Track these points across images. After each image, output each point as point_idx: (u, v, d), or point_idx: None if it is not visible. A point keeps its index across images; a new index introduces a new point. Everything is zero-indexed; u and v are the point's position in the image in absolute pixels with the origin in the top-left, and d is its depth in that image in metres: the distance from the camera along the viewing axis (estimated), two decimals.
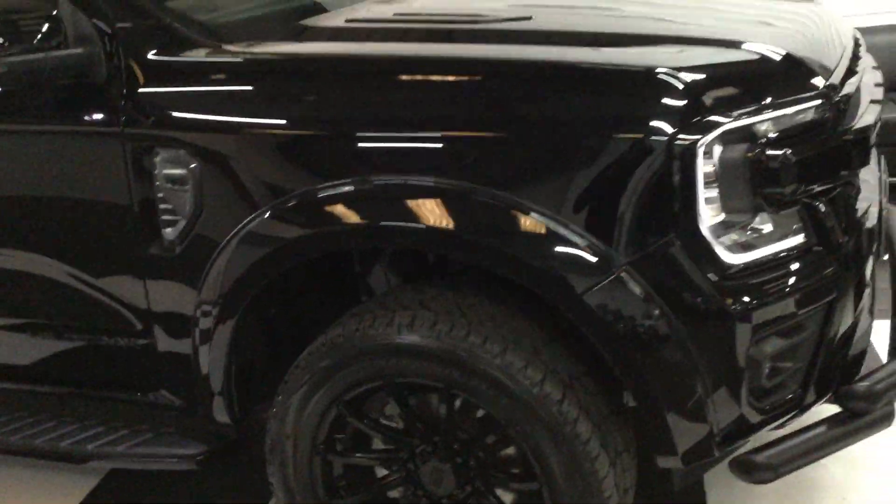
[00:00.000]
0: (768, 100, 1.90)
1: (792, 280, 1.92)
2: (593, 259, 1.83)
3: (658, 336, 1.83)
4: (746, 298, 1.86)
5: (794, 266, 1.93)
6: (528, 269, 1.87)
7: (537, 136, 1.86)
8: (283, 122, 2.05)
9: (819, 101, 1.95)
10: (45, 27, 2.23)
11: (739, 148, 1.85)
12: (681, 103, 1.81)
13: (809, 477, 2.70)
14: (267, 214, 2.05)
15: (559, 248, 1.84)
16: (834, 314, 2.00)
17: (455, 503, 2.16)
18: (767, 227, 1.93)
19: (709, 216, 1.84)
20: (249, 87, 2.12)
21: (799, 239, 1.95)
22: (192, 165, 2.11)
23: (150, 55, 2.19)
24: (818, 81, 1.99)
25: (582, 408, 1.94)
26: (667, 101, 1.82)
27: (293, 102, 2.07)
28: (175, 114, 2.15)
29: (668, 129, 1.79)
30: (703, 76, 1.87)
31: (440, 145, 1.92)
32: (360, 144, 1.98)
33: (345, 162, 1.98)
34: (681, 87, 1.82)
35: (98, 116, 2.21)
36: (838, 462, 2.75)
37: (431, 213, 1.90)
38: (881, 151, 2.63)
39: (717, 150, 1.84)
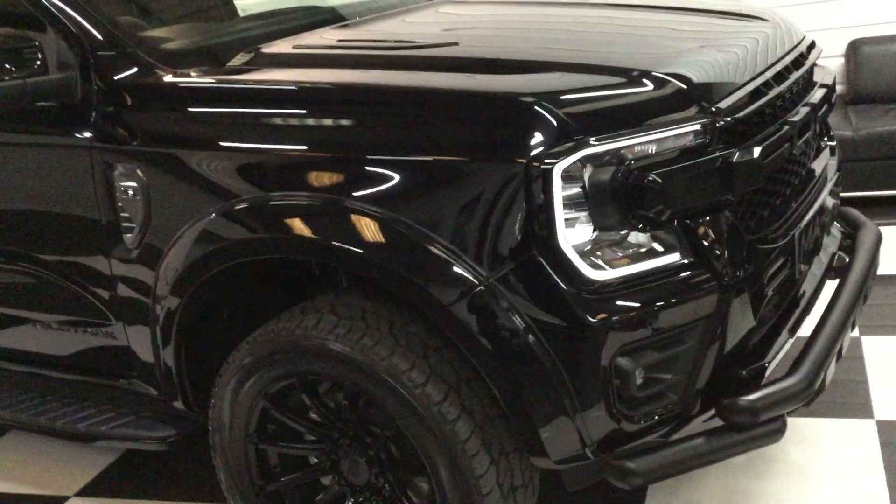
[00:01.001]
0: (640, 124, 2.00)
1: (662, 296, 2.01)
2: (460, 273, 1.98)
3: (521, 347, 1.96)
4: (610, 312, 1.96)
5: (666, 283, 2.02)
6: (399, 279, 2.03)
7: (413, 158, 2.02)
8: (206, 142, 2.29)
9: (696, 126, 2.03)
10: (27, 54, 2.53)
11: (607, 170, 1.96)
12: (540, 129, 1.94)
13: (751, 489, 2.75)
14: (197, 224, 2.29)
15: (428, 262, 2.00)
16: (715, 330, 2.07)
17: (373, 492, 2.34)
18: (640, 246, 2.03)
19: (571, 235, 1.95)
20: (182, 111, 2.37)
21: (673, 258, 2.04)
22: (142, 178, 2.37)
23: (116, 79, 2.46)
24: (700, 106, 2.06)
25: (464, 409, 2.09)
26: (527, 127, 1.95)
27: (213, 125, 2.31)
28: (128, 132, 2.41)
29: (527, 154, 1.92)
30: (566, 102, 1.98)
31: (323, 165, 2.12)
32: (258, 164, 2.21)
33: (250, 179, 2.21)
34: (542, 113, 1.94)
35: (72, 134, 2.50)
36: (780, 474, 2.79)
37: (312, 226, 2.10)
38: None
39: (587, 171, 1.95)
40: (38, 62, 2.48)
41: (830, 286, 2.58)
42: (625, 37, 2.57)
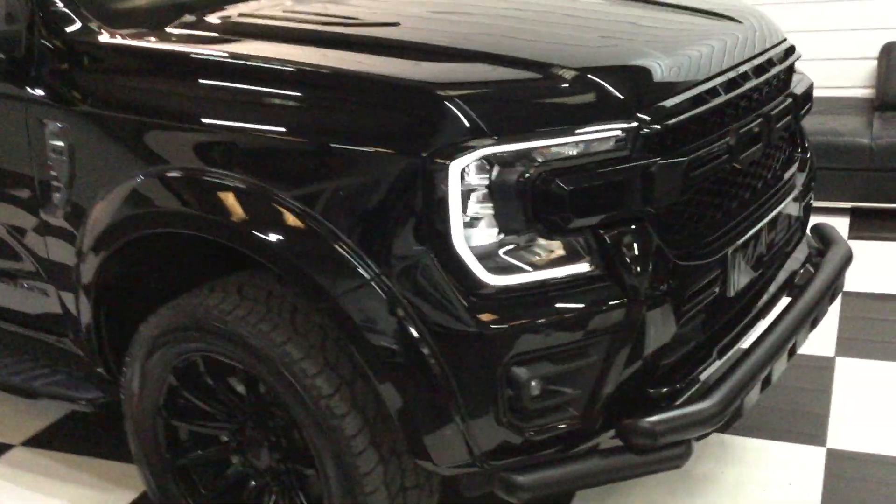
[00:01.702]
0: (555, 125, 1.90)
1: (564, 307, 1.92)
2: (350, 265, 1.91)
3: (407, 348, 1.89)
4: (504, 319, 1.88)
5: (571, 293, 1.93)
6: (288, 264, 1.97)
7: (314, 142, 1.95)
8: (122, 106, 2.25)
9: (616, 132, 1.92)
10: None
11: (514, 171, 1.87)
12: (443, 123, 1.85)
13: None
14: (115, 189, 2.25)
15: (317, 249, 1.93)
16: (622, 346, 1.98)
17: (273, 477, 2.30)
18: (547, 252, 1.94)
19: (473, 235, 1.87)
20: (107, 72, 2.32)
21: (581, 267, 1.94)
22: (68, 137, 2.34)
23: (58, 35, 2.41)
24: (625, 110, 1.96)
25: (355, 405, 2.03)
26: (430, 120, 1.86)
27: (132, 89, 2.27)
28: (60, 90, 2.37)
29: (427, 147, 1.84)
30: (476, 97, 1.89)
31: (227, 141, 2.06)
32: (167, 133, 2.16)
33: (158, 150, 2.17)
34: (447, 106, 1.85)
35: (14, 88, 2.47)
36: (711, 492, 2.69)
37: (211, 204, 2.04)
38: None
39: (495, 170, 1.86)
40: None
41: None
42: (573, 29, 2.46)
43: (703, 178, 2.11)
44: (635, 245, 1.97)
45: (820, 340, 3.51)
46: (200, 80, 2.16)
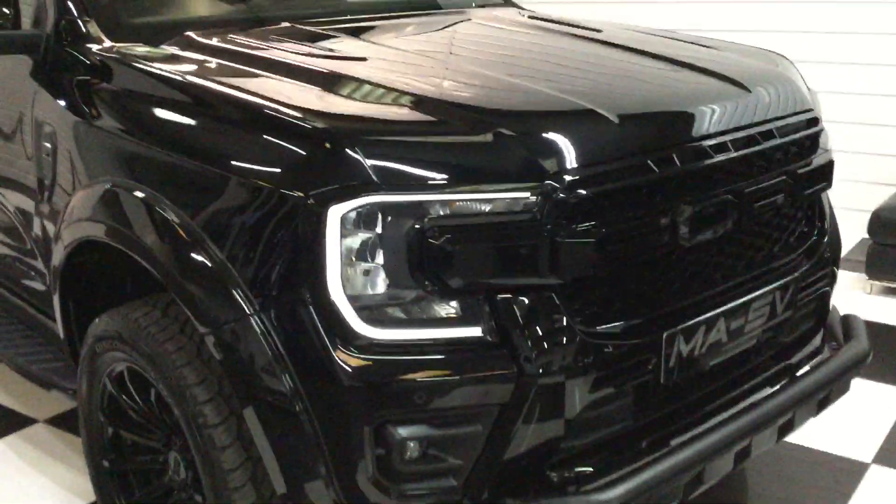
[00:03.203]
0: (457, 181, 1.81)
1: (445, 370, 1.82)
2: (226, 298, 1.89)
3: (276, 390, 1.85)
4: (377, 375, 1.80)
5: (456, 358, 1.83)
6: (173, 286, 1.98)
7: (220, 169, 1.96)
8: (97, 114, 2.34)
9: (523, 194, 1.81)
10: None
11: (403, 223, 1.79)
12: (329, 166, 1.80)
13: None
14: (79, 193, 2.34)
15: (198, 276, 1.93)
16: (512, 422, 1.85)
17: (191, 493, 2.30)
18: (436, 311, 1.85)
19: (355, 283, 1.81)
20: (92, 82, 2.41)
21: (471, 331, 1.84)
22: (54, 138, 2.46)
23: (68, 41, 2.54)
24: (540, 173, 1.84)
25: (240, 439, 2.00)
26: (317, 162, 1.82)
27: (105, 101, 2.34)
28: (56, 94, 2.50)
29: (309, 189, 1.80)
30: (373, 143, 1.82)
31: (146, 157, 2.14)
32: (118, 147, 2.24)
33: (112, 160, 2.26)
34: (338, 150, 1.80)
35: (30, 88, 2.62)
36: None
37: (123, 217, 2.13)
38: None
39: (387, 220, 1.79)
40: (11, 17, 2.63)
41: None
42: (536, 74, 2.33)
43: (635, 252, 1.95)
44: (534, 315, 1.85)
45: (860, 444, 3.17)
46: (142, 96, 2.23)
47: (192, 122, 2.10)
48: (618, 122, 1.99)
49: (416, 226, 1.79)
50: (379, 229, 1.79)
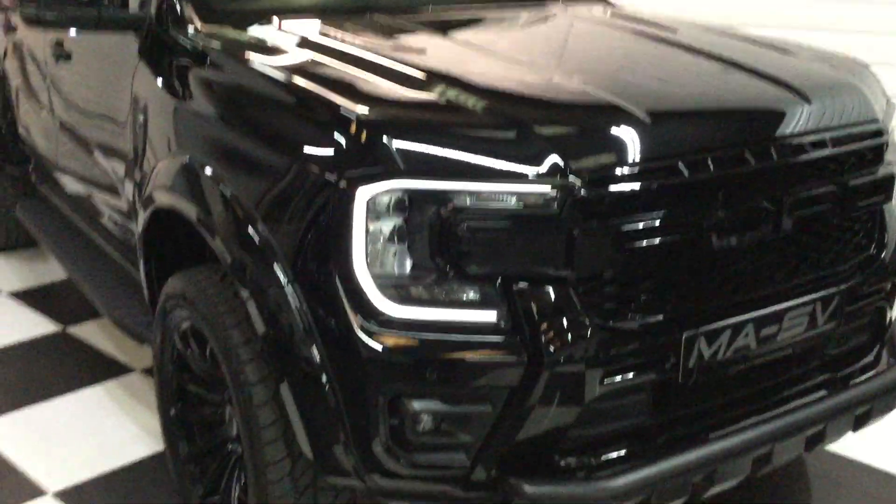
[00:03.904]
0: (479, 172, 1.90)
1: (460, 350, 1.92)
2: (267, 269, 2.05)
3: (304, 357, 2.00)
4: (394, 349, 1.92)
5: (470, 339, 1.92)
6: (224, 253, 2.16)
7: (268, 147, 2.13)
8: (178, 93, 2.54)
9: (545, 189, 1.89)
10: None
11: (428, 209, 1.90)
12: (364, 153, 1.93)
13: None
14: (161, 164, 2.56)
15: (244, 245, 2.11)
16: (519, 405, 1.94)
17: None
18: (456, 293, 1.95)
19: (375, 262, 1.93)
20: (178, 60, 2.62)
21: (486, 315, 1.93)
22: (145, 110, 2.69)
23: (166, 20, 2.76)
24: (563, 169, 1.91)
25: (275, 398, 2.15)
26: (353, 147, 1.95)
27: (183, 80, 2.54)
28: (152, 69, 2.72)
29: (345, 172, 1.93)
30: (405, 133, 1.93)
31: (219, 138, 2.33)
32: (194, 126, 2.44)
33: (188, 137, 2.44)
34: (370, 138, 1.93)
35: (132, 61, 2.86)
36: None
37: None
38: None
39: (413, 205, 1.91)
40: None
41: None
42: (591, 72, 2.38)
43: (654, 254, 1.99)
44: (547, 306, 1.92)
45: None
46: (218, 82, 2.43)
47: (252, 104, 2.27)
48: (649, 121, 2.03)
49: (439, 212, 1.89)
50: (404, 213, 1.91)
